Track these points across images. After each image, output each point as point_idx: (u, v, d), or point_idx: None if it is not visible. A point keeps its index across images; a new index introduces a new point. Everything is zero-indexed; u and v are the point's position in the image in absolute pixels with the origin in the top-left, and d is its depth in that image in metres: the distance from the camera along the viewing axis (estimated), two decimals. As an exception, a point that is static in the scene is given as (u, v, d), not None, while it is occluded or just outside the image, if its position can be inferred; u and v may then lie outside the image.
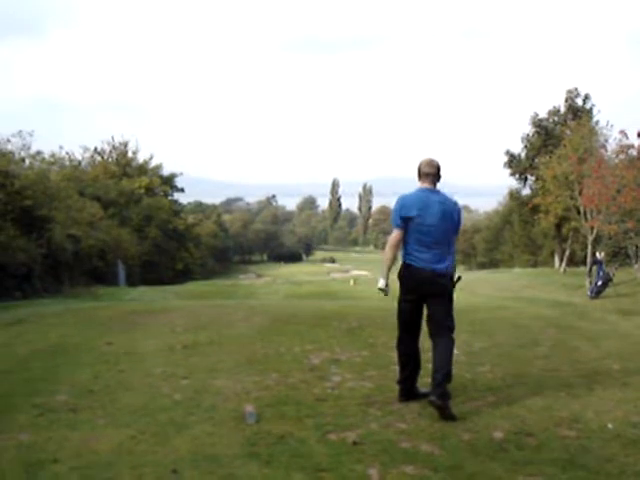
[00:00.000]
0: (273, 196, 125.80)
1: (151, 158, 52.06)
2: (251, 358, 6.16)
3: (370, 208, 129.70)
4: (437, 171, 4.53)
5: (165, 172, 53.07)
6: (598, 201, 20.83)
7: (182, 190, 56.21)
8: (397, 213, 4.46)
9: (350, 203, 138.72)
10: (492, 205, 58.72)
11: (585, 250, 25.54)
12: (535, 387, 5.06)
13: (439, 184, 4.59)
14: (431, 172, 4.50)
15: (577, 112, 32.20)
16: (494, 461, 3.46)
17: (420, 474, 3.28)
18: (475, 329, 8.20)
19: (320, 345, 6.85)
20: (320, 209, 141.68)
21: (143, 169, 50.62)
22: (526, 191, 36.00)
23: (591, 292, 18.44)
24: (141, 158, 51.55)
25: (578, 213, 24.21)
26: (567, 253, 32.12)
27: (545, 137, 32.64)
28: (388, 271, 4.51)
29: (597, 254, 20.00)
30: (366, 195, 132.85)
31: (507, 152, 34.92)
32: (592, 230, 22.35)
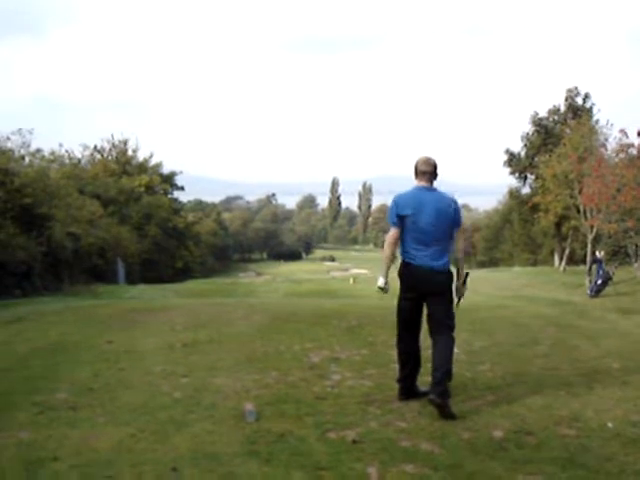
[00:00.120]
0: (273, 194, 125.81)
1: (151, 156, 52.04)
2: (251, 356, 6.16)
3: (370, 206, 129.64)
4: (434, 169, 4.53)
5: (165, 170, 53.05)
6: (598, 200, 20.81)
7: (182, 188, 56.15)
8: (393, 211, 4.53)
9: (350, 202, 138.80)
10: (492, 204, 58.75)
11: (585, 249, 25.53)
12: (535, 386, 5.06)
13: (436, 182, 4.59)
14: (427, 170, 4.51)
15: (577, 111, 32.19)
16: (494, 460, 3.47)
17: (420, 473, 3.28)
18: (475, 328, 8.20)
19: (320, 343, 6.86)
20: (320, 208, 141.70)
21: (143, 167, 50.55)
22: (526, 190, 36.02)
23: (591, 291, 18.43)
24: (141, 156, 51.53)
25: (578, 212, 24.20)
26: (567, 252, 32.13)
27: (545, 136, 32.63)
28: (387, 269, 4.55)
29: (597, 253, 19.99)
30: (366, 194, 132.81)
31: (507, 151, 34.93)
32: (592, 229, 22.34)
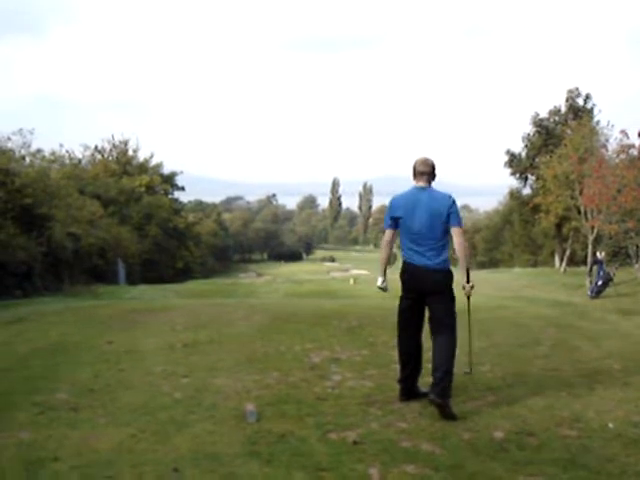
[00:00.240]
0: (273, 195, 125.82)
1: (151, 156, 52.01)
2: (251, 357, 6.16)
3: (370, 207, 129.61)
4: (431, 170, 4.55)
5: (165, 170, 53.05)
6: (599, 201, 20.84)
7: (182, 189, 56.12)
8: (387, 214, 4.65)
9: (350, 202, 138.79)
10: (492, 205, 58.68)
11: (585, 250, 25.55)
12: (536, 387, 5.06)
13: (435, 183, 4.61)
14: (425, 171, 4.52)
15: (578, 112, 32.23)
16: (495, 461, 3.46)
17: (421, 473, 3.28)
18: (475, 329, 8.17)
19: (320, 344, 6.85)
20: (320, 208, 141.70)
21: (143, 167, 50.54)
22: (526, 191, 36.07)
23: (591, 292, 18.44)
24: (142, 156, 51.49)
25: (579, 213, 24.22)
26: (567, 253, 32.15)
27: (546, 137, 32.67)
28: (384, 269, 4.70)
29: (597, 254, 20.00)
30: (366, 194, 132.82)
31: (508, 152, 34.97)
32: (592, 230, 22.36)
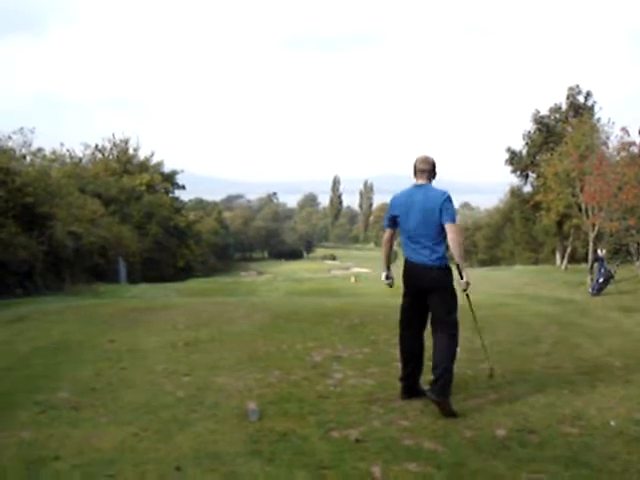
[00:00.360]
0: (274, 193, 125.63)
1: (152, 155, 51.97)
2: (253, 355, 6.16)
3: (371, 205, 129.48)
4: (431, 168, 4.56)
5: (166, 169, 53.02)
6: (599, 198, 20.84)
7: (183, 187, 56.09)
8: (386, 213, 4.74)
9: (351, 200, 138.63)
10: (493, 202, 58.58)
11: (586, 247, 25.53)
12: (537, 384, 5.06)
13: (436, 181, 4.62)
14: (425, 169, 4.54)
15: (578, 109, 32.19)
16: (497, 458, 3.47)
17: (423, 471, 3.28)
18: (476, 326, 8.16)
19: (322, 342, 6.84)
20: (321, 206, 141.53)
21: (144, 166, 50.50)
22: (527, 188, 36.08)
23: (592, 289, 18.44)
24: (142, 155, 51.46)
25: (579, 210, 24.22)
26: (568, 250, 32.15)
27: (546, 134, 32.64)
28: (386, 265, 4.83)
29: (598, 251, 20.00)
30: (367, 192, 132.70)
31: (508, 149, 34.95)
32: (593, 227, 22.36)
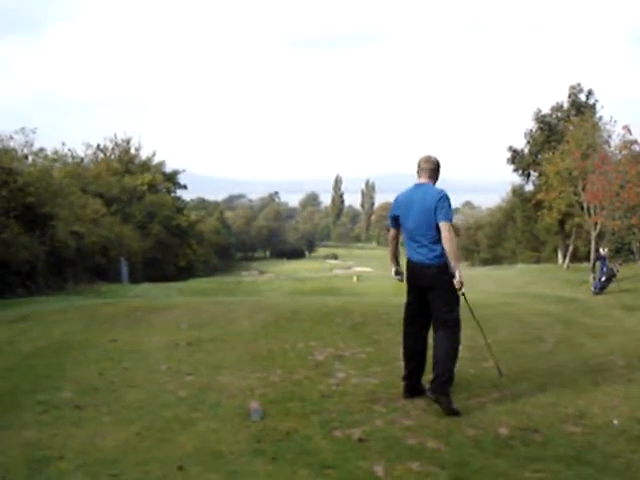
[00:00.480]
0: (276, 193, 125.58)
1: (154, 155, 52.03)
2: (255, 355, 6.16)
3: (373, 204, 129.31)
4: (433, 167, 4.58)
5: (168, 169, 53.05)
6: (601, 197, 20.82)
7: (185, 187, 56.13)
8: (389, 213, 4.82)
9: (353, 199, 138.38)
10: (495, 201, 58.47)
11: (588, 246, 25.52)
12: (540, 383, 5.05)
13: (439, 181, 4.64)
14: (426, 167, 4.58)
15: (580, 108, 32.12)
16: (500, 457, 3.46)
17: (426, 470, 3.28)
18: (478, 325, 8.16)
19: (324, 341, 6.84)
20: (323, 205, 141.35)
21: (146, 166, 50.53)
22: (529, 187, 36.05)
23: (595, 288, 18.43)
24: (144, 155, 51.54)
25: (581, 209, 24.22)
26: (570, 249, 32.09)
27: (548, 133, 32.59)
28: (394, 260, 4.88)
29: (601, 250, 19.98)
30: (369, 191, 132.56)
31: (510, 148, 34.89)
32: (595, 226, 22.36)
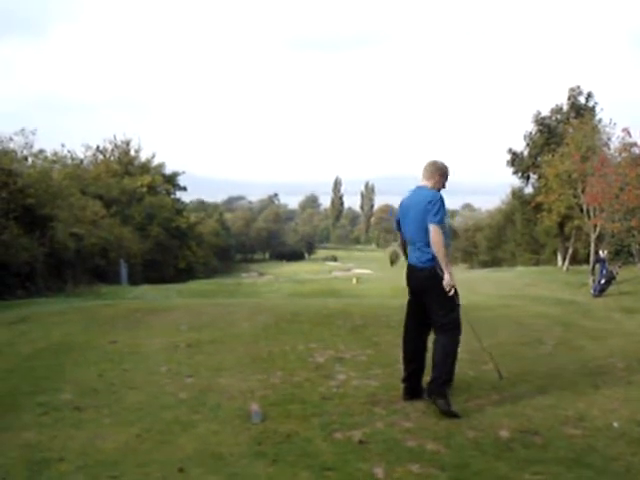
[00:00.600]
0: (275, 194, 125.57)
1: (153, 157, 51.99)
2: (255, 357, 6.16)
3: (372, 206, 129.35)
4: (435, 170, 4.60)
5: (167, 171, 53.05)
6: (601, 199, 20.81)
7: (184, 189, 56.09)
8: (394, 217, 4.85)
9: (352, 201, 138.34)
10: (494, 203, 58.45)
11: (588, 248, 25.49)
12: (540, 385, 5.05)
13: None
14: (427, 170, 4.63)
15: (580, 110, 32.10)
16: (500, 460, 3.47)
17: (426, 472, 3.28)
18: (478, 327, 8.17)
19: (324, 344, 6.84)
20: (322, 207, 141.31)
21: (145, 168, 50.52)
22: (529, 189, 36.00)
23: (594, 290, 18.42)
24: (143, 157, 51.51)
25: (581, 211, 24.21)
26: (570, 251, 32.08)
27: (548, 135, 32.56)
28: (405, 255, 4.88)
29: (600, 252, 19.98)
30: (368, 193, 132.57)
31: (510, 150, 34.86)
32: (595, 228, 22.34)
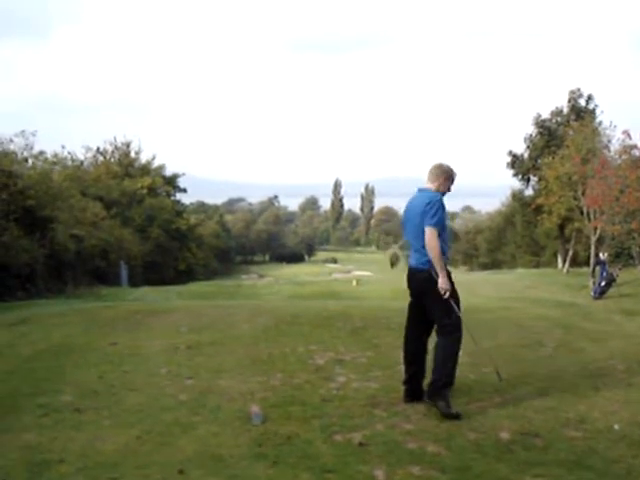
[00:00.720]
0: (275, 196, 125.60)
1: (154, 158, 52.01)
2: (255, 358, 6.15)
3: (372, 208, 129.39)
4: (440, 173, 4.61)
5: (168, 172, 53.07)
6: (601, 202, 20.80)
7: (184, 190, 56.10)
8: (401, 220, 4.86)
9: (352, 203, 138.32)
10: (494, 206, 58.48)
11: (588, 251, 25.47)
12: (540, 388, 5.05)
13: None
14: (431, 173, 4.64)
15: (580, 112, 32.10)
16: (501, 462, 3.46)
17: (427, 475, 3.28)
18: (479, 330, 8.16)
19: (324, 345, 6.84)
20: (322, 209, 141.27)
21: (146, 169, 50.53)
22: (529, 192, 35.96)
23: (595, 292, 18.41)
24: (144, 158, 51.52)
25: (581, 214, 24.20)
26: (570, 254, 32.06)
27: (548, 138, 32.55)
28: None
29: (600, 255, 19.97)
30: (368, 195, 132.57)
31: (510, 153, 34.85)
32: (595, 231, 22.33)
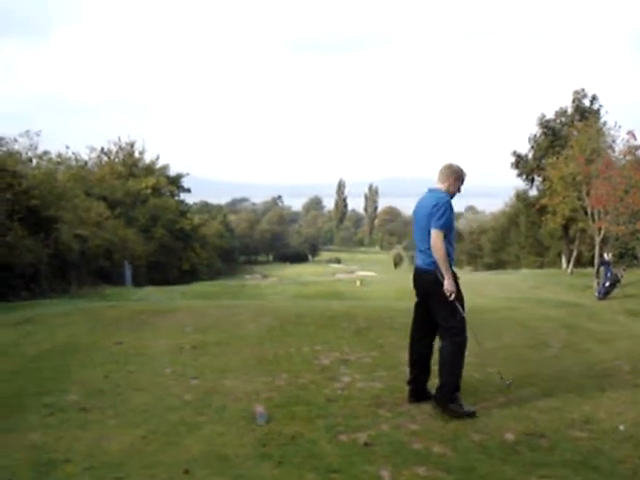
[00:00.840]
0: (279, 196, 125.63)
1: (157, 158, 52.12)
2: (260, 358, 6.16)
3: (376, 209, 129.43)
4: (450, 174, 4.60)
5: (171, 172, 53.13)
6: (606, 202, 20.76)
7: (188, 190, 56.17)
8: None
9: (356, 204, 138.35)
10: (499, 206, 58.41)
11: (592, 251, 25.45)
12: (545, 388, 5.04)
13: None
14: (441, 173, 4.64)
15: (584, 113, 32.03)
16: (506, 463, 3.46)
17: (432, 475, 3.28)
18: (484, 330, 8.16)
19: (329, 346, 6.84)
20: (326, 210, 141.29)
21: (150, 169, 50.62)
22: (533, 192, 35.92)
23: (599, 293, 18.39)
24: (148, 158, 51.60)
25: (585, 214, 24.14)
26: (574, 254, 31.99)
27: (552, 138, 32.49)
28: None
29: (605, 255, 19.94)
30: (372, 196, 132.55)
31: (514, 153, 34.80)
32: (600, 231, 22.28)
